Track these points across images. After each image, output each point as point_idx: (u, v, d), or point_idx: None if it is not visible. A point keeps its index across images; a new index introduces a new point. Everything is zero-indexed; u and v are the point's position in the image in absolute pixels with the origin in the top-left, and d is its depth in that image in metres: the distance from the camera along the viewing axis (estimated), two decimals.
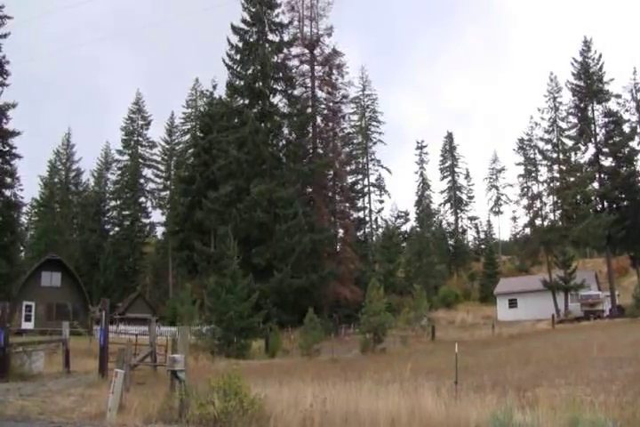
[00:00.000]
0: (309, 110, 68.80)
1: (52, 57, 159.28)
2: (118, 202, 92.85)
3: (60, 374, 21.97)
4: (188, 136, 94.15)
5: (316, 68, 68.83)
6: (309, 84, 69.16)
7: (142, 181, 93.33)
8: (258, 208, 58.90)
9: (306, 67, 69.17)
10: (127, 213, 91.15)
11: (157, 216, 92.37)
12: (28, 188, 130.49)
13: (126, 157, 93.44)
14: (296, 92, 69.23)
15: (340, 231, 69.32)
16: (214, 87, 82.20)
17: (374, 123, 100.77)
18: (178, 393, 10.69)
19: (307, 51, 68.54)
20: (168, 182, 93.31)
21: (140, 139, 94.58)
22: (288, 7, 68.68)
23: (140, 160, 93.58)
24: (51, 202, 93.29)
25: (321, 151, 68.73)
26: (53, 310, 54.72)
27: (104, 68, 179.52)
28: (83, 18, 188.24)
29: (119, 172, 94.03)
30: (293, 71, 69.16)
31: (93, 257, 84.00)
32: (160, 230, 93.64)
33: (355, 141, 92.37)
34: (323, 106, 70.08)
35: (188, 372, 11.08)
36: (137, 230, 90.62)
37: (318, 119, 69.33)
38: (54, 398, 14.68)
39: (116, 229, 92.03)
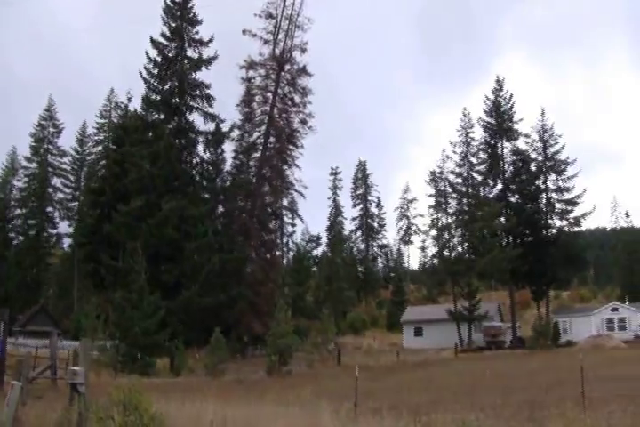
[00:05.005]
0: (264, 128, 67.81)
1: None
2: (24, 210, 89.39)
3: None
4: (100, 147, 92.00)
5: (280, 84, 67.68)
6: (271, 99, 67.94)
7: (51, 190, 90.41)
8: (169, 224, 58.08)
9: (270, 81, 67.81)
10: (33, 222, 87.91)
11: (65, 227, 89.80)
12: None
13: (34, 165, 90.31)
14: (256, 110, 68.12)
15: (253, 254, 68.82)
16: (129, 100, 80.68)
17: (291, 146, 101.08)
18: (77, 407, 10.48)
19: (274, 63, 67.29)
20: (77, 193, 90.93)
21: (51, 147, 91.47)
22: (266, 13, 67.50)
23: (50, 169, 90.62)
24: None
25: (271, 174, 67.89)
26: None
27: (16, 73, 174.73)
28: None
29: (26, 179, 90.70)
30: (256, 84, 67.98)
31: None
32: (67, 242, 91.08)
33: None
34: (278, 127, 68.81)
35: (88, 386, 10.87)
36: (43, 241, 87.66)
37: (271, 139, 68.39)
38: None
39: (21, 238, 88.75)
